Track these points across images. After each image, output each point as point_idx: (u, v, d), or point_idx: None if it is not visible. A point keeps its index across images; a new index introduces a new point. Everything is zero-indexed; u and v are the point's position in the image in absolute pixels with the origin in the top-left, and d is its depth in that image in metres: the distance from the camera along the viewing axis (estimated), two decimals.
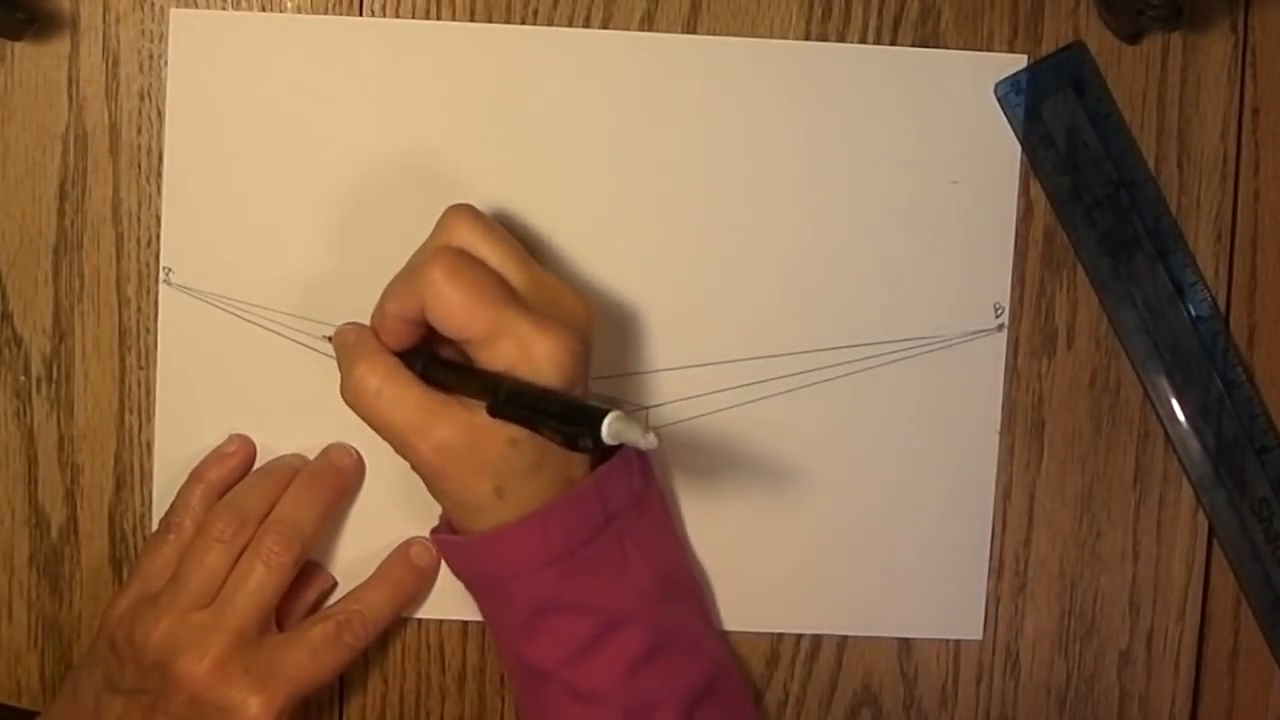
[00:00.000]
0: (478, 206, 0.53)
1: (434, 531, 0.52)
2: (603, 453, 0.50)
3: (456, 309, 0.46)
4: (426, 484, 0.48)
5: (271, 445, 0.54)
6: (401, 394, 0.47)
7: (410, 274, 0.47)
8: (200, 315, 0.54)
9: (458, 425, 0.46)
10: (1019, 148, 0.55)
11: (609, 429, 0.40)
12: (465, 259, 0.47)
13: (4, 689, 0.55)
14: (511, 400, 0.44)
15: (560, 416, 0.42)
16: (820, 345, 0.55)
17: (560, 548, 0.47)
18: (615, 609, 0.49)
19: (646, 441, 0.40)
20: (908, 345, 0.55)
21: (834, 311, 0.55)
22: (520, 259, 0.48)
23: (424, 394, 0.47)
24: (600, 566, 0.49)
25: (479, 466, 0.46)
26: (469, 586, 0.52)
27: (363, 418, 0.48)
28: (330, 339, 0.51)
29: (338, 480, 0.53)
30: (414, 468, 0.48)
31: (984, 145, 0.55)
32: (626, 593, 0.49)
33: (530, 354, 0.45)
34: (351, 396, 0.48)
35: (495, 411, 0.45)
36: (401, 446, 0.47)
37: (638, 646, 0.49)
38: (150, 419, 0.54)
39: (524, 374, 0.45)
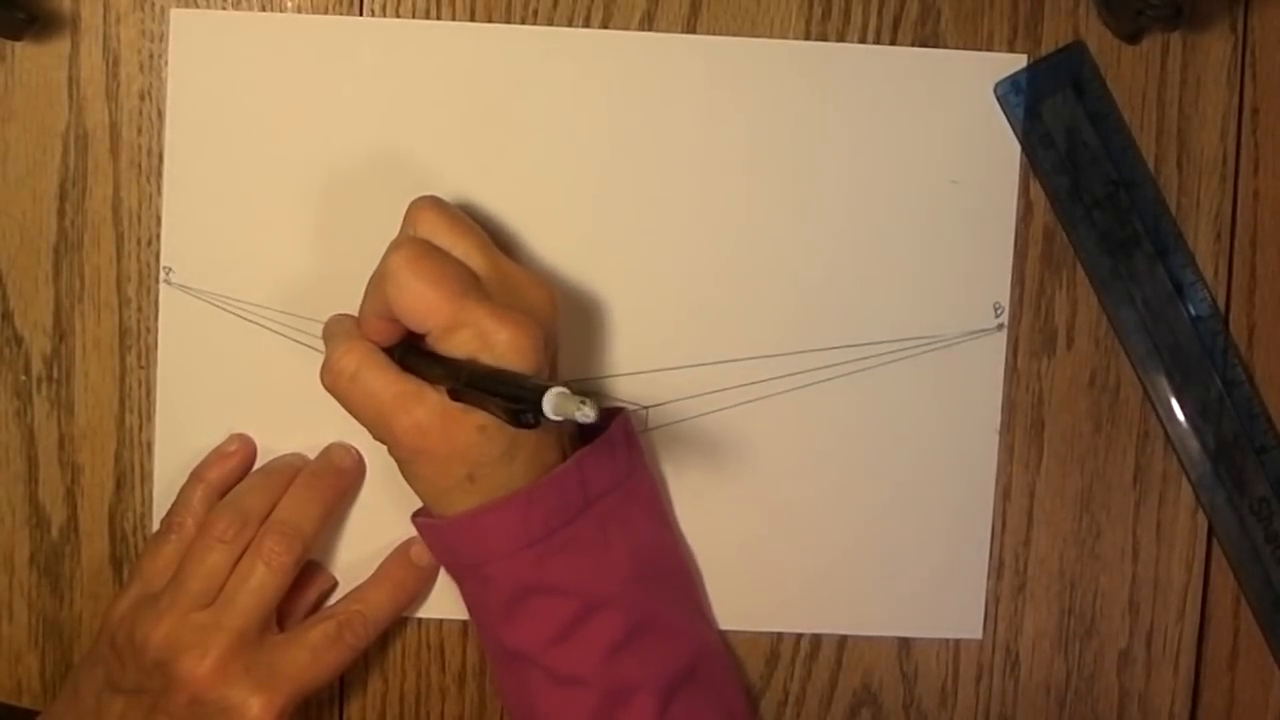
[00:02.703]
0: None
1: (415, 516, 0.52)
2: (584, 437, 0.50)
3: (418, 299, 0.46)
4: (401, 467, 0.48)
5: (271, 445, 0.54)
6: (377, 376, 0.47)
7: (377, 270, 0.48)
8: (200, 315, 0.54)
9: (432, 408, 0.46)
10: (1019, 147, 0.55)
11: (550, 404, 0.41)
12: (427, 249, 0.47)
13: (4, 689, 0.55)
14: (469, 382, 0.45)
15: (506, 395, 0.43)
16: (820, 345, 0.55)
17: (540, 529, 0.47)
18: (595, 592, 0.49)
19: (583, 415, 0.40)
20: (908, 345, 0.55)
21: (834, 311, 0.55)
22: (484, 248, 0.48)
23: (399, 377, 0.47)
24: (580, 549, 0.49)
25: (452, 451, 0.47)
26: (450, 570, 0.52)
27: (340, 401, 0.48)
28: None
29: (338, 480, 0.53)
30: (390, 451, 0.48)
31: (984, 145, 0.55)
32: (606, 576, 0.49)
33: (491, 343, 0.45)
34: (329, 379, 0.48)
35: (455, 395, 0.45)
36: (377, 428, 0.47)
37: (617, 630, 0.49)
38: (150, 419, 0.54)
39: (486, 362, 0.45)
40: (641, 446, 0.53)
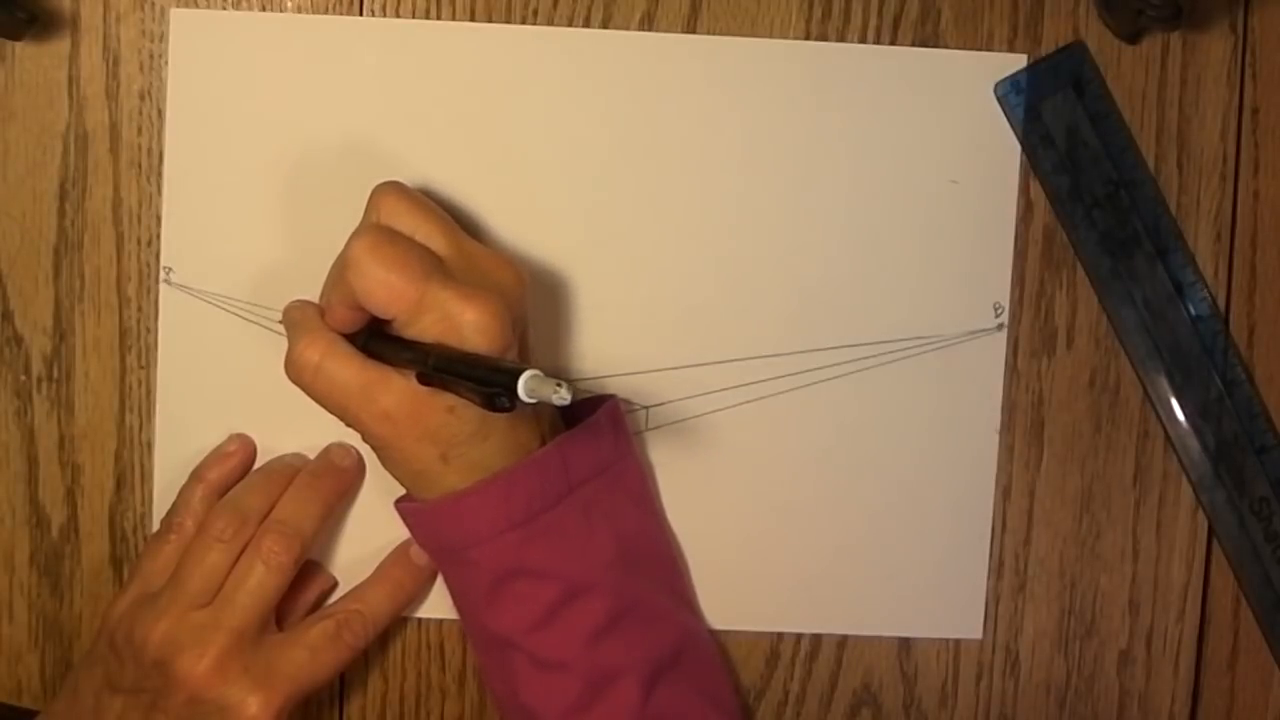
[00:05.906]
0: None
1: (398, 502, 0.52)
2: (570, 423, 0.51)
3: (380, 286, 0.46)
4: (377, 454, 0.49)
5: (271, 445, 0.54)
6: (342, 366, 0.47)
7: (339, 257, 0.48)
8: (200, 315, 0.54)
9: (399, 394, 0.46)
10: (1019, 147, 0.55)
11: (524, 387, 0.41)
12: (389, 235, 0.47)
13: (4, 689, 0.55)
14: (438, 367, 0.45)
15: (478, 379, 0.43)
16: (820, 345, 0.55)
17: (522, 512, 0.48)
18: (577, 576, 0.49)
19: (559, 397, 0.40)
20: (908, 345, 0.55)
21: (834, 311, 0.55)
22: (447, 230, 0.48)
23: (364, 365, 0.47)
24: (563, 533, 0.49)
25: (423, 434, 0.47)
26: (434, 556, 0.52)
27: (306, 392, 0.48)
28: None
29: (338, 480, 0.53)
30: (363, 439, 0.48)
31: (984, 145, 0.55)
32: (590, 561, 0.49)
33: (456, 324, 0.45)
34: (294, 372, 0.48)
35: (424, 379, 0.45)
36: (346, 417, 0.48)
37: (600, 615, 0.49)
38: (150, 419, 0.54)
39: (453, 344, 0.45)
40: (630, 434, 0.53)
